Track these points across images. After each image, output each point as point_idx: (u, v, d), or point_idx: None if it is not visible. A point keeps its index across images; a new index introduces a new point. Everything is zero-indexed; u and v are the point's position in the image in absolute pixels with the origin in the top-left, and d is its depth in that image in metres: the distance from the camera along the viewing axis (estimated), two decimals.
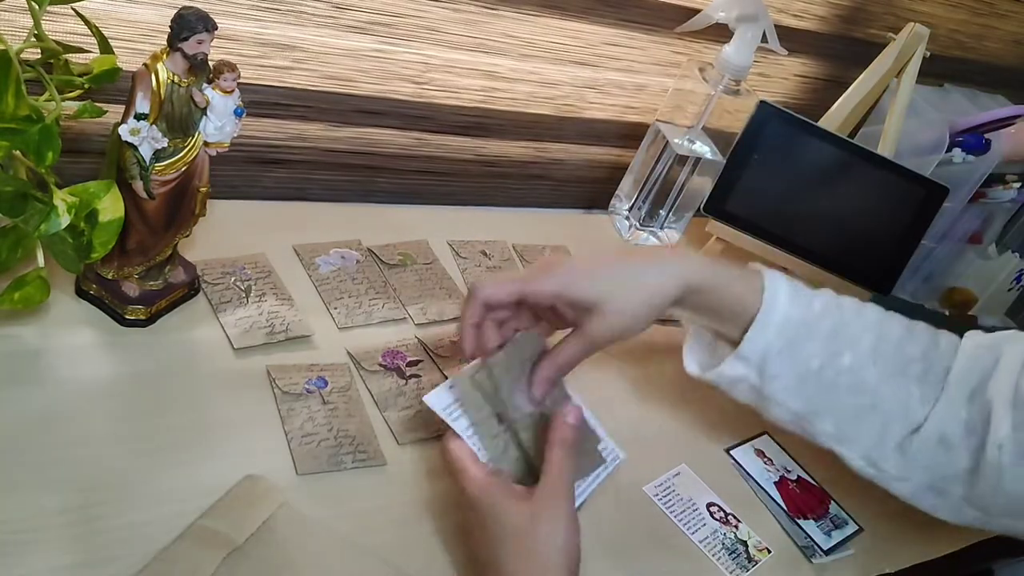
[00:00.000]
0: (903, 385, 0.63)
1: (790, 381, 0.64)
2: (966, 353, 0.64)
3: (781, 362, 0.63)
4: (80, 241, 0.55)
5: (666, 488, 0.69)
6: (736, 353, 0.63)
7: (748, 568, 0.65)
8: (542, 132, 0.93)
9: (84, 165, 0.67)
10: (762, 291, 0.63)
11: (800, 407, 0.64)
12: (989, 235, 1.09)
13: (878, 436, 0.64)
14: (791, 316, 0.63)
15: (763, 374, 0.64)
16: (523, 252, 0.88)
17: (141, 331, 0.62)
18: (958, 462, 0.62)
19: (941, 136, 0.96)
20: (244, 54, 0.71)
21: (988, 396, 0.61)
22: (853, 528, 0.72)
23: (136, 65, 0.54)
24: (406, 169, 0.88)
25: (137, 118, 0.53)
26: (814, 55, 1.04)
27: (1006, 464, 0.59)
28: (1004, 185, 1.02)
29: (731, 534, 0.67)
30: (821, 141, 0.86)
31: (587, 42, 0.87)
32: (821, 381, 0.63)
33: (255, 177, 0.80)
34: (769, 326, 0.62)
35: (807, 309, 0.64)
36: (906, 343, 0.65)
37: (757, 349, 0.63)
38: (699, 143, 0.93)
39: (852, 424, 0.64)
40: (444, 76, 0.82)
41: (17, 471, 0.50)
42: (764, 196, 0.87)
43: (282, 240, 0.75)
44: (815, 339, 0.63)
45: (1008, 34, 1.18)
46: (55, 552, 0.47)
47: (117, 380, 0.58)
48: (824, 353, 0.63)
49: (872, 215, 0.88)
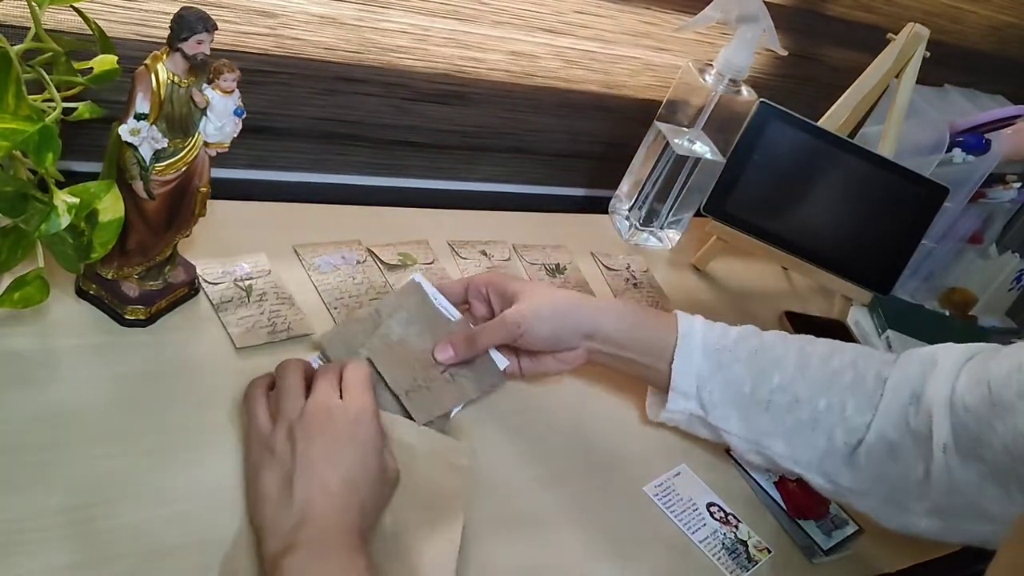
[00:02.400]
0: (836, 395, 0.64)
1: (729, 409, 0.67)
2: (903, 362, 0.65)
3: (714, 388, 0.67)
4: (80, 241, 0.55)
5: (666, 488, 0.69)
6: (672, 387, 0.67)
7: (748, 568, 0.65)
8: (518, 102, 0.93)
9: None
10: (676, 325, 0.68)
11: (747, 432, 0.67)
12: (989, 235, 1.09)
13: (825, 450, 0.65)
14: (709, 342, 0.67)
15: (703, 404, 0.67)
16: (523, 252, 0.88)
17: (141, 331, 0.62)
18: (911, 472, 0.62)
19: (941, 136, 0.96)
20: (228, 20, 0.71)
21: (927, 402, 0.61)
22: (853, 528, 0.72)
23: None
24: (388, 139, 0.88)
25: (137, 118, 0.53)
26: (783, 29, 1.04)
27: (953, 465, 0.59)
28: (1004, 185, 1.02)
29: (731, 534, 0.67)
30: (821, 141, 0.86)
31: (558, 9, 0.87)
32: (757, 403, 0.66)
33: (237, 145, 0.80)
34: (692, 353, 0.67)
35: (724, 336, 0.68)
36: (832, 356, 0.66)
37: (688, 379, 0.67)
38: (699, 143, 0.93)
39: (799, 442, 0.65)
40: (420, 44, 0.82)
41: (17, 471, 0.50)
42: (764, 196, 0.88)
43: (282, 240, 0.75)
44: (740, 362, 0.66)
45: (984, 19, 1.18)
46: (55, 552, 0.47)
47: (117, 380, 0.58)
48: (751, 374, 0.66)
49: (872, 215, 0.88)
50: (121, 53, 0.58)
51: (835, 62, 1.08)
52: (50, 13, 0.55)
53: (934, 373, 0.62)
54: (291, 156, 0.85)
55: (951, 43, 1.19)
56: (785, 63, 1.03)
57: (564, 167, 1.03)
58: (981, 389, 0.58)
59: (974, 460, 0.58)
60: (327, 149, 0.86)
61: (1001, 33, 1.23)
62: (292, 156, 0.85)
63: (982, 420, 0.57)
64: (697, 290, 0.96)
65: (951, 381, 0.60)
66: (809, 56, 1.03)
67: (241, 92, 0.57)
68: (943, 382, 0.61)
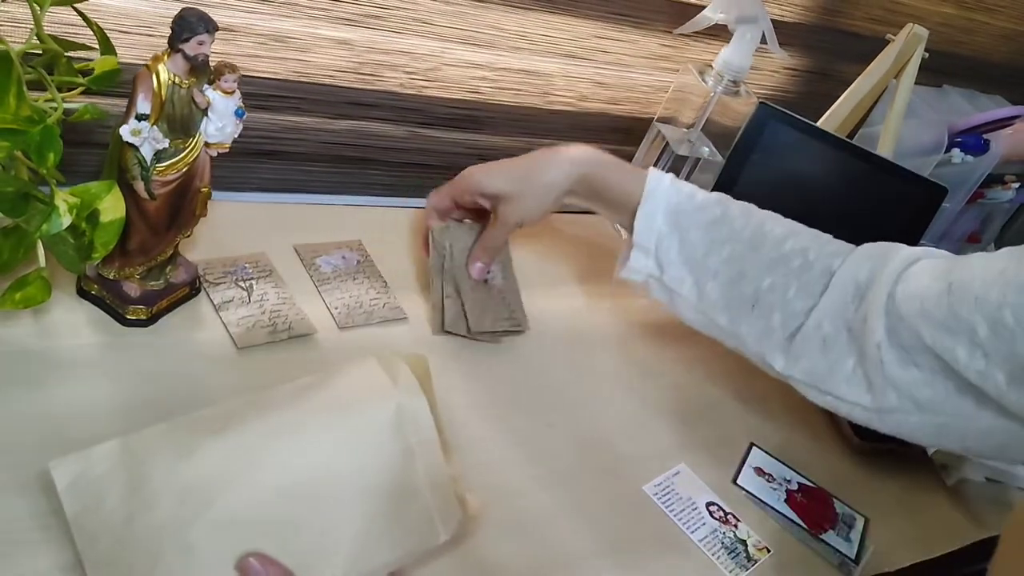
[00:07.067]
0: (781, 276, 0.65)
1: (683, 271, 0.68)
2: (855, 256, 0.64)
3: (671, 247, 0.68)
4: (81, 241, 0.56)
5: (666, 488, 0.69)
6: (634, 242, 0.69)
7: (747, 567, 0.65)
8: (533, 125, 0.93)
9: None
10: (646, 180, 0.69)
11: (697, 300, 0.68)
12: (987, 235, 1.10)
13: (762, 330, 0.66)
14: (671, 202, 0.68)
15: (660, 263, 0.69)
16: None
17: (142, 331, 0.62)
18: (839, 366, 0.62)
19: (940, 137, 0.96)
20: (239, 45, 0.71)
21: (867, 301, 0.61)
22: (861, 520, 0.73)
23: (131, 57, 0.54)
24: (399, 162, 0.88)
25: (138, 119, 0.53)
26: (800, 47, 1.04)
27: (887, 361, 0.59)
28: (1002, 185, 1.02)
29: (730, 533, 0.67)
30: (820, 142, 0.86)
31: (576, 35, 0.88)
32: (707, 270, 0.67)
33: (250, 169, 0.80)
34: (656, 213, 0.68)
35: (689, 200, 0.69)
36: (787, 239, 0.66)
37: (650, 236, 0.68)
38: (698, 143, 0.94)
39: (740, 318, 0.67)
40: (435, 69, 0.83)
41: (18, 471, 0.50)
42: (763, 196, 0.87)
43: (282, 240, 0.75)
44: (698, 228, 0.68)
45: (997, 29, 1.19)
46: (55, 552, 0.47)
47: (119, 380, 0.58)
48: (706, 241, 0.68)
49: (871, 215, 0.88)
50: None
51: (850, 76, 1.08)
52: (51, 14, 0.55)
53: (881, 272, 0.62)
54: (302, 180, 0.85)
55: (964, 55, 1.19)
56: (809, 80, 1.03)
57: None
58: (939, 286, 0.57)
59: (911, 364, 0.59)
60: (340, 172, 0.86)
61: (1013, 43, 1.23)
62: (303, 179, 0.85)
63: (920, 326, 0.57)
64: None
65: (891, 283, 0.60)
66: (827, 74, 1.03)
67: (252, 116, 0.57)
68: (884, 283, 0.61)
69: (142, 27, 0.67)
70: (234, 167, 0.78)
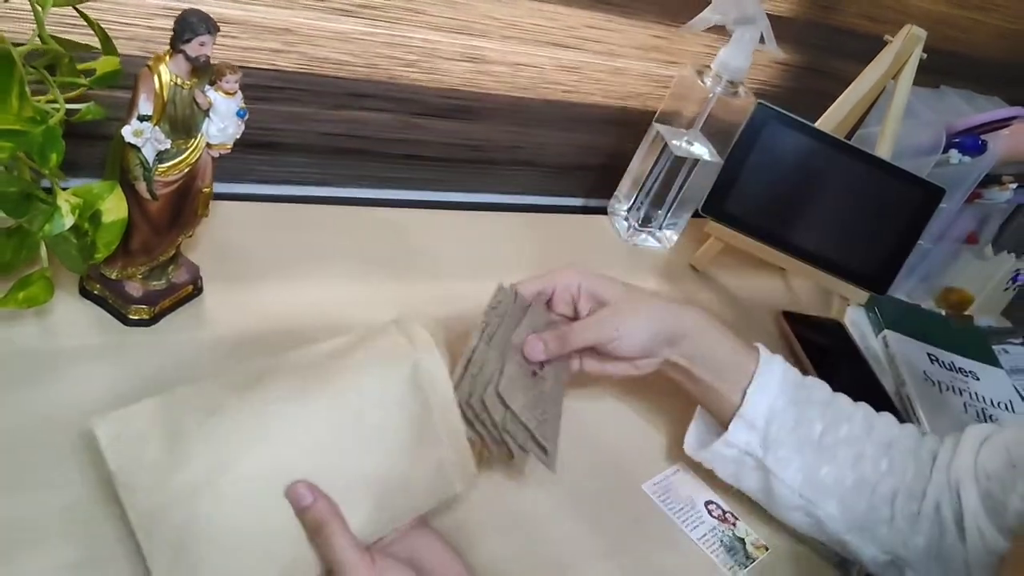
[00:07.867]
0: (899, 456, 0.63)
1: (792, 453, 0.62)
2: (944, 444, 0.64)
3: (785, 424, 0.63)
4: (84, 241, 0.56)
5: (664, 486, 0.69)
6: (740, 413, 0.63)
7: (746, 565, 0.66)
8: (527, 116, 0.93)
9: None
10: (758, 350, 0.65)
11: (802, 485, 0.63)
12: (985, 235, 1.10)
13: (883, 518, 0.62)
14: (789, 378, 0.64)
15: (767, 440, 0.63)
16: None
17: (144, 331, 0.62)
18: (951, 539, 0.61)
19: (938, 137, 0.96)
20: (235, 36, 0.72)
21: (955, 474, 0.61)
22: None
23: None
24: (395, 154, 0.88)
25: (140, 119, 0.54)
26: (793, 42, 1.05)
27: (984, 527, 0.59)
28: (1000, 186, 1.02)
29: (729, 532, 0.68)
30: (818, 142, 0.86)
31: (568, 24, 0.88)
32: (823, 450, 0.62)
33: (247, 161, 0.81)
34: (771, 383, 0.63)
35: (802, 377, 0.66)
36: (895, 424, 0.66)
37: (761, 408, 0.63)
38: (697, 144, 0.94)
39: (856, 504, 0.62)
40: (429, 59, 0.83)
41: (19, 471, 0.50)
42: (762, 197, 0.88)
43: (284, 240, 0.75)
44: (814, 405, 0.64)
45: (993, 28, 1.19)
46: (55, 552, 0.47)
47: (120, 380, 0.58)
48: (824, 419, 0.63)
49: (869, 216, 0.88)
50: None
51: (848, 75, 1.08)
52: (52, 14, 0.55)
53: (959, 448, 0.62)
54: (300, 171, 0.85)
55: (961, 52, 1.19)
56: (801, 75, 1.04)
57: (572, 179, 1.03)
58: (1001, 455, 0.59)
59: (1002, 529, 0.59)
60: (336, 163, 0.86)
61: (1008, 41, 1.23)
62: (301, 171, 0.85)
63: (1005, 483, 0.58)
64: (695, 291, 0.97)
65: (974, 453, 0.61)
66: (819, 69, 1.03)
67: (250, 108, 0.57)
68: (967, 453, 0.62)
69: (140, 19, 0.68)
70: (231, 159, 0.79)
